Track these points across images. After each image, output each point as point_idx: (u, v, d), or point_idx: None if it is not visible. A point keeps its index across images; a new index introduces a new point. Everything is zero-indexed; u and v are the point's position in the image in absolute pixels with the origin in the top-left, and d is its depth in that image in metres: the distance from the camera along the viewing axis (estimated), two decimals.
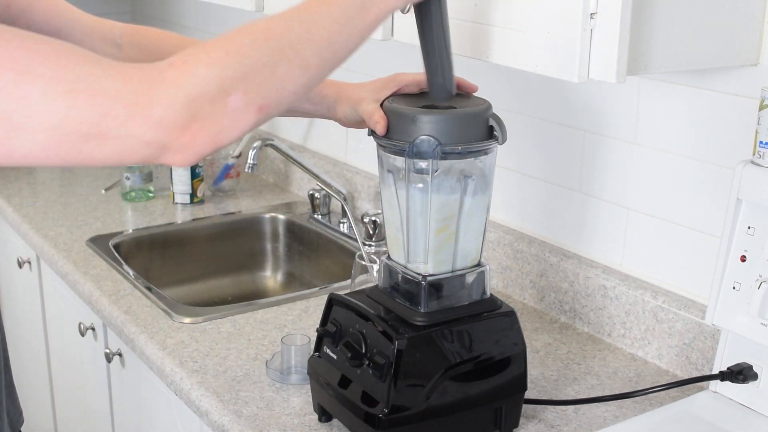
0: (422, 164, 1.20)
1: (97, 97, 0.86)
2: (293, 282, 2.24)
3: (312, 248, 2.21)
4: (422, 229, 1.24)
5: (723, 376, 1.31)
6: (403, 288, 1.28)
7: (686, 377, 1.47)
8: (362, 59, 2.13)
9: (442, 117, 1.19)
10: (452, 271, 1.27)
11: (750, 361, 1.29)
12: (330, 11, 1.01)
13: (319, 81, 1.01)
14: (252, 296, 2.12)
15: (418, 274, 1.25)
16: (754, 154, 1.25)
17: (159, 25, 3.11)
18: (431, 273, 1.25)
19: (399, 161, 1.23)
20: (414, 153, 1.19)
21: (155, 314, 1.72)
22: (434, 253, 1.25)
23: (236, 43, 0.94)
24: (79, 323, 1.95)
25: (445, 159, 1.20)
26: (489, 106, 1.24)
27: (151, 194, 2.40)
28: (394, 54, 1.96)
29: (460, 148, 1.20)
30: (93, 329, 1.92)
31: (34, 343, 2.37)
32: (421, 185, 1.22)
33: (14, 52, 0.84)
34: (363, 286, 1.38)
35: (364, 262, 1.65)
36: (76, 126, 0.86)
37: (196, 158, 0.93)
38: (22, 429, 1.43)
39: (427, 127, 1.19)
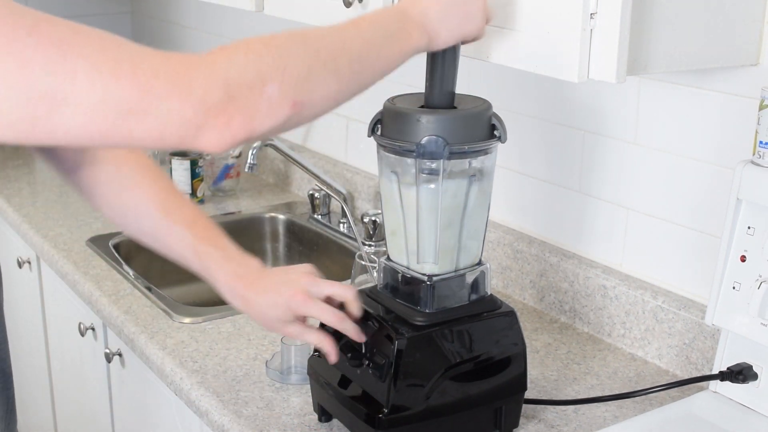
0: (430, 164, 1.21)
1: (139, 75, 0.89)
2: None
3: (312, 248, 2.21)
4: (430, 230, 1.24)
5: (723, 376, 1.31)
6: (403, 288, 1.28)
7: (686, 377, 1.47)
8: None
9: (447, 117, 1.20)
10: (455, 271, 1.27)
11: (750, 361, 1.29)
12: (362, 32, 1.08)
13: (348, 96, 1.06)
14: None
15: (423, 274, 1.25)
16: (754, 154, 1.25)
17: (159, 25, 3.11)
18: (436, 273, 1.25)
19: (401, 161, 1.23)
20: (422, 153, 1.19)
21: (155, 314, 1.72)
22: (441, 253, 1.25)
23: (275, 39, 0.98)
24: (79, 323, 1.95)
25: (451, 158, 1.20)
26: (490, 106, 1.24)
27: None
28: None
29: (467, 147, 1.20)
30: (93, 329, 1.92)
31: (34, 343, 2.37)
32: (431, 186, 1.22)
33: (60, 33, 0.87)
34: (363, 286, 1.38)
35: (364, 262, 1.65)
36: (117, 103, 0.88)
37: (231, 143, 0.94)
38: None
39: (432, 127, 1.19)
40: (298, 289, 1.24)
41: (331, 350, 1.24)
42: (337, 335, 1.30)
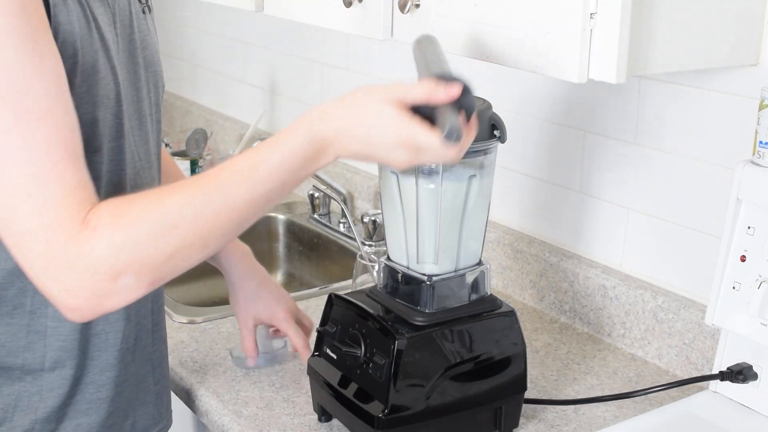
0: (431, 164, 1.20)
1: (19, 234, 0.98)
2: (293, 282, 2.24)
3: (312, 248, 2.21)
4: (430, 230, 1.24)
5: (723, 376, 1.31)
6: (404, 288, 1.28)
7: (686, 377, 1.47)
8: (362, 59, 2.13)
9: None
10: (455, 271, 1.27)
11: (750, 361, 1.29)
12: (261, 182, 1.03)
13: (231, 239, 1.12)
14: None
15: (423, 274, 1.25)
16: (754, 154, 1.25)
17: (159, 25, 3.11)
18: (436, 273, 1.25)
19: None
20: None
21: None
22: (441, 253, 1.25)
23: (143, 228, 0.99)
24: None
25: None
26: (490, 106, 1.24)
27: None
28: (395, 53, 1.96)
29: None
30: None
31: None
32: (430, 186, 1.22)
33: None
34: (364, 286, 1.38)
35: (365, 262, 1.65)
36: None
37: (81, 319, 1.03)
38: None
39: None
40: (289, 307, 1.52)
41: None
42: (337, 334, 1.30)
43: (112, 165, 1.13)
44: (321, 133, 1.04)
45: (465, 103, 1.05)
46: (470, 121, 1.07)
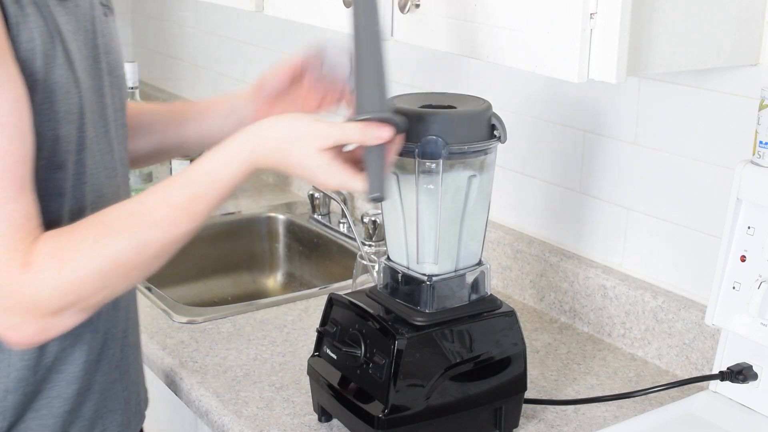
0: (430, 164, 1.21)
1: None
2: (293, 282, 2.24)
3: (312, 248, 2.21)
4: (430, 230, 1.24)
5: (723, 376, 1.31)
6: (404, 288, 1.28)
7: (686, 377, 1.47)
8: None
9: (447, 117, 1.20)
10: (455, 271, 1.27)
11: (750, 361, 1.29)
12: (180, 226, 1.08)
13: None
14: (252, 296, 2.11)
15: (423, 274, 1.25)
16: (754, 154, 1.25)
17: (159, 25, 3.11)
18: (436, 273, 1.25)
19: (401, 161, 1.23)
20: (421, 153, 1.19)
21: (155, 314, 1.72)
22: (441, 254, 1.25)
23: (87, 271, 1.03)
24: None
25: (451, 159, 1.20)
26: (489, 106, 1.24)
27: None
28: (395, 53, 1.96)
29: (466, 147, 1.20)
30: None
31: None
32: (430, 186, 1.22)
33: None
34: (364, 286, 1.38)
35: (365, 262, 1.65)
36: None
37: (26, 348, 1.09)
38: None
39: (432, 127, 1.19)
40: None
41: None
42: (337, 334, 1.31)
43: (75, 179, 1.12)
44: (257, 164, 1.09)
45: (396, 127, 1.08)
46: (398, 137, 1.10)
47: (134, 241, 1.05)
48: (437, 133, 1.18)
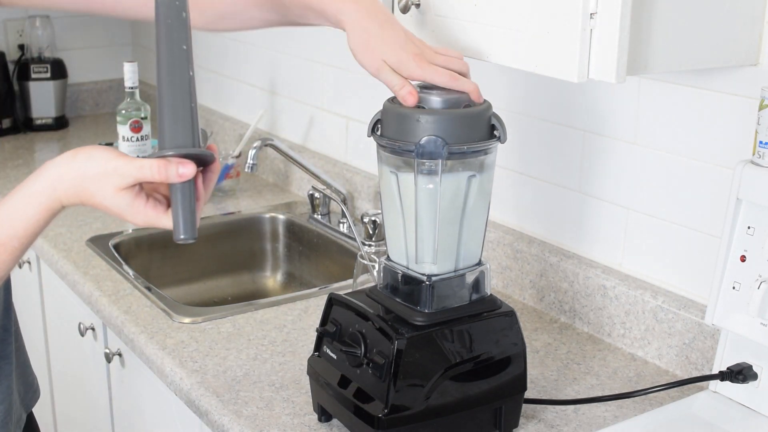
0: (430, 164, 1.20)
1: None
2: (293, 282, 2.24)
3: (312, 248, 2.21)
4: (429, 230, 1.24)
5: (723, 376, 1.31)
6: (403, 288, 1.28)
7: (686, 377, 1.47)
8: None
9: (446, 117, 1.19)
10: (455, 271, 1.27)
11: (750, 361, 1.29)
12: None
13: None
14: (252, 296, 2.12)
15: (423, 274, 1.25)
16: (754, 154, 1.25)
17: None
18: (436, 273, 1.25)
19: (402, 162, 1.23)
20: (421, 153, 1.19)
21: (155, 314, 1.72)
22: (440, 253, 1.25)
23: None
24: (79, 323, 1.95)
25: (450, 159, 1.20)
26: (489, 106, 1.24)
27: None
28: None
29: (465, 147, 1.20)
30: (93, 329, 1.92)
31: (34, 343, 2.37)
32: (430, 186, 1.22)
33: None
34: (365, 286, 1.38)
35: (365, 262, 1.65)
36: None
37: None
38: (35, 405, 1.42)
39: (431, 127, 1.19)
40: (420, 53, 1.21)
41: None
42: (337, 334, 1.31)
43: None
44: (61, 202, 1.08)
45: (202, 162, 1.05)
46: (212, 168, 1.08)
47: None
48: (437, 133, 1.18)
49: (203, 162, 1.06)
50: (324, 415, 1.36)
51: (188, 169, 1.02)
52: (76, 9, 1.39)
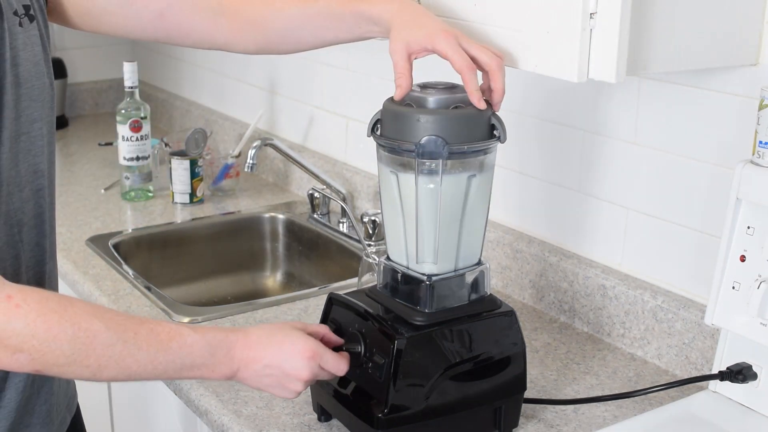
0: (430, 164, 1.21)
1: None
2: (293, 282, 2.24)
3: (311, 248, 2.21)
4: (429, 229, 1.24)
5: (722, 375, 1.31)
6: (403, 288, 1.28)
7: (686, 377, 1.47)
8: (362, 59, 2.13)
9: (446, 117, 1.19)
10: (455, 271, 1.27)
11: (749, 361, 1.29)
12: (152, 357, 1.11)
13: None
14: (251, 296, 2.12)
15: (423, 274, 1.25)
16: (753, 154, 1.25)
17: None
18: (436, 273, 1.25)
19: (401, 161, 1.23)
20: (421, 153, 1.19)
21: (155, 314, 1.72)
22: (440, 253, 1.25)
23: (62, 324, 1.05)
24: None
25: (451, 158, 1.20)
26: (490, 106, 1.24)
27: (150, 194, 2.40)
28: None
29: (466, 147, 1.20)
30: None
31: None
32: (430, 185, 1.22)
33: None
34: (367, 285, 1.38)
35: (370, 260, 1.65)
36: None
37: None
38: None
39: (431, 127, 1.19)
40: (451, 33, 1.21)
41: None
42: (337, 334, 1.30)
43: None
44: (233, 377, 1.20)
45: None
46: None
47: (113, 341, 1.08)
48: (437, 132, 1.18)
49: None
50: (324, 415, 1.36)
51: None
52: (168, 41, 1.49)
